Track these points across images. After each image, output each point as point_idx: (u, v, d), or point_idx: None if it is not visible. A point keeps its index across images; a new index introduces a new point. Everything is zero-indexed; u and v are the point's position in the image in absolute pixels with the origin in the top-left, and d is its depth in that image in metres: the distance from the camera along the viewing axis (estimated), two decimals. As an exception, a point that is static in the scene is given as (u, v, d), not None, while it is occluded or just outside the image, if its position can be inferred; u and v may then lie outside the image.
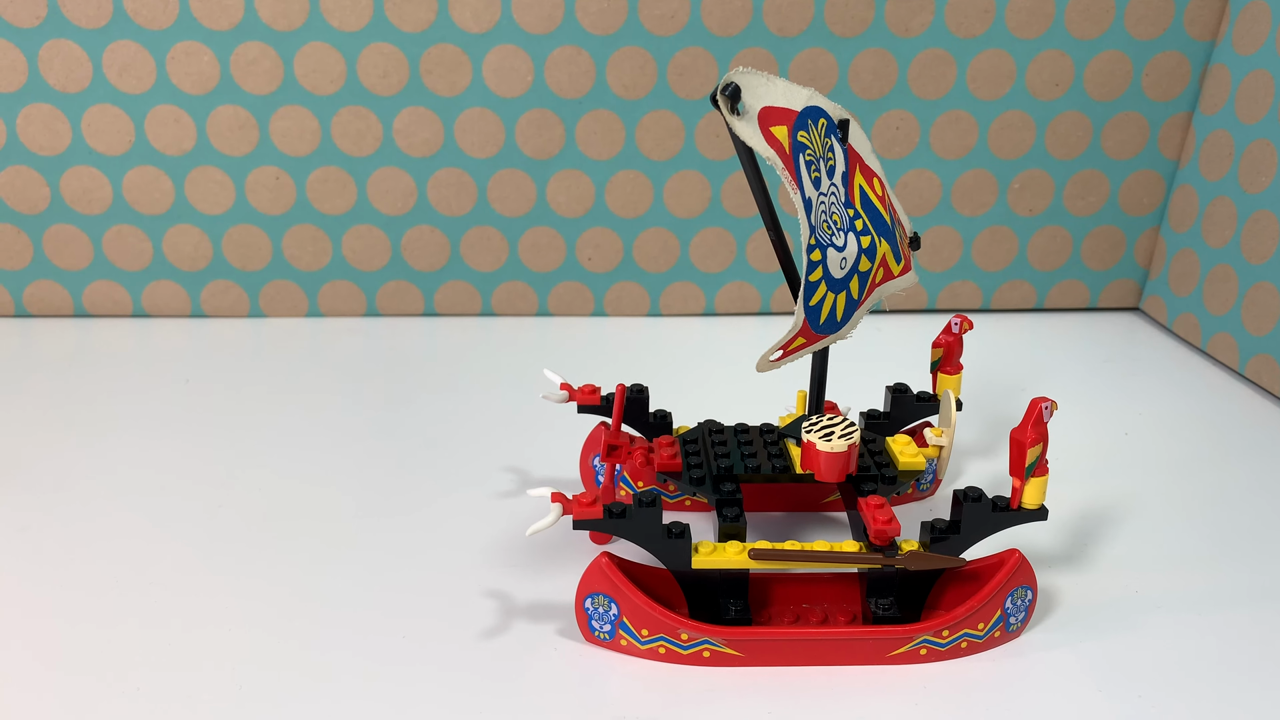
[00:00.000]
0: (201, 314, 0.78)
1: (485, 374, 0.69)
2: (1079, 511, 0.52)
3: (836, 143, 0.41)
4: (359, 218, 0.76)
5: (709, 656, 0.40)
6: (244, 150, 0.74)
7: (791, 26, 0.71)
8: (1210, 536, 0.50)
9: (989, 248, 0.80)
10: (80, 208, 0.75)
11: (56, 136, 0.72)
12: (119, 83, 0.71)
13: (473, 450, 0.58)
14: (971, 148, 0.76)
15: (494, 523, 0.50)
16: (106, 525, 0.50)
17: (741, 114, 0.35)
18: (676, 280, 0.79)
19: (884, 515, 0.40)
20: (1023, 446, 0.39)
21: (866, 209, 0.42)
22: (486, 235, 0.77)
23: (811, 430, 0.42)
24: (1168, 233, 0.78)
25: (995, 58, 0.73)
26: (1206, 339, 0.72)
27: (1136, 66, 0.74)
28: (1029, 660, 0.41)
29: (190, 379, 0.67)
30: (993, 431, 0.60)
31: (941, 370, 0.50)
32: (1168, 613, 0.44)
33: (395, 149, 0.74)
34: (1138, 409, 0.65)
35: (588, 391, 0.49)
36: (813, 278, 0.38)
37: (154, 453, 0.57)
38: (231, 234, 0.76)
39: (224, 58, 0.71)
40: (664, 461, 0.45)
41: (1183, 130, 0.76)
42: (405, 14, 0.70)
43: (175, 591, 0.45)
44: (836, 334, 0.42)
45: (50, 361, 0.70)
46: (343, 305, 0.79)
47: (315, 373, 0.69)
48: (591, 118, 0.74)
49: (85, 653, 0.41)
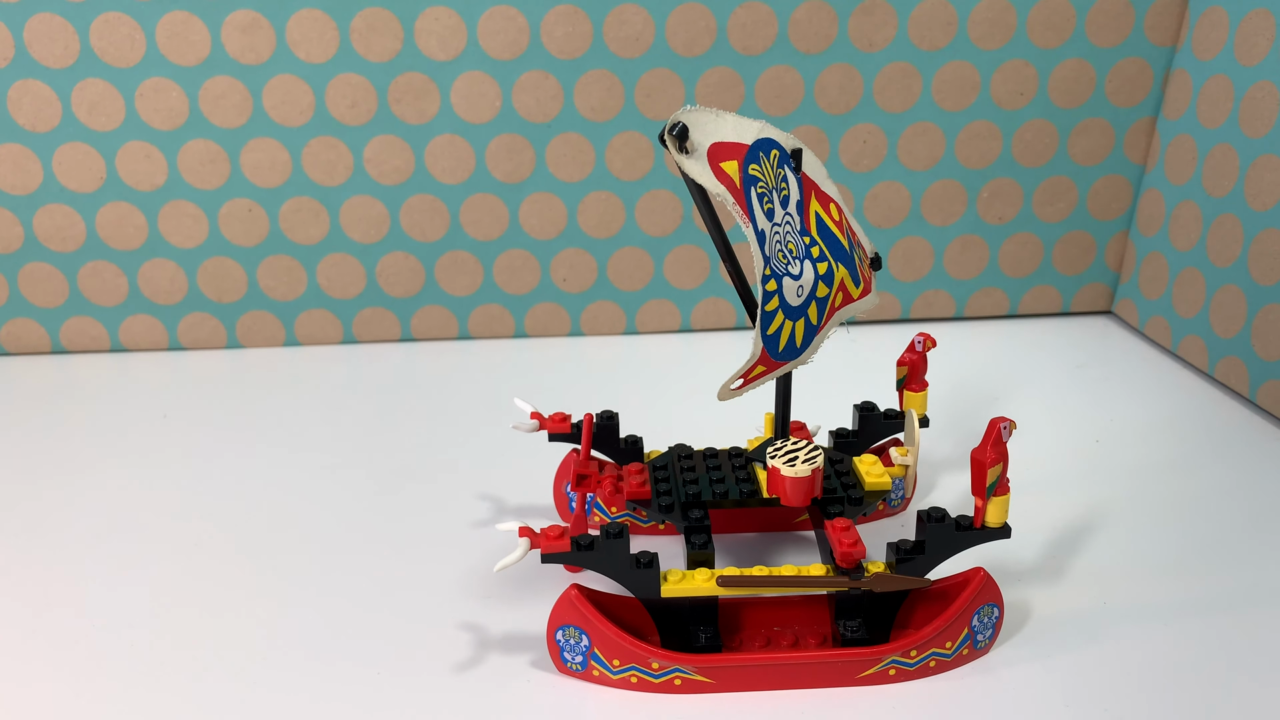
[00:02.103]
0: (179, 346, 0.79)
1: (464, 398, 0.69)
2: (1050, 523, 0.53)
3: (790, 172, 0.41)
4: (333, 246, 0.76)
5: (680, 684, 0.41)
6: (216, 183, 0.74)
7: (756, 45, 0.72)
8: (1179, 544, 0.51)
9: (960, 256, 0.80)
10: (54, 245, 0.75)
11: (28, 175, 0.73)
12: (89, 120, 0.71)
13: (450, 477, 0.58)
14: (939, 158, 0.77)
15: (469, 552, 0.51)
16: (84, 562, 0.50)
17: (690, 152, 0.36)
18: (651, 298, 0.80)
19: (849, 538, 0.41)
20: (983, 466, 0.40)
21: (823, 235, 0.42)
22: (461, 259, 0.77)
23: (776, 455, 0.43)
24: (1136, 236, 0.79)
25: (959, 69, 0.74)
26: (1177, 341, 0.73)
27: (1100, 73, 0.75)
28: (997, 677, 0.42)
29: (168, 413, 0.67)
30: (968, 442, 0.61)
31: (907, 388, 0.51)
32: (1136, 623, 0.45)
33: (367, 177, 0.74)
34: (1109, 415, 0.65)
35: (558, 420, 0.49)
36: (769, 307, 0.39)
37: (132, 488, 0.57)
38: (206, 266, 0.76)
39: (193, 93, 0.71)
40: (633, 490, 0.46)
41: (1148, 135, 0.77)
42: (371, 44, 0.71)
43: (154, 630, 0.45)
44: (797, 360, 0.42)
45: (29, 399, 0.70)
46: (320, 334, 0.79)
47: (294, 402, 0.69)
48: (561, 140, 0.74)
49: (63, 691, 0.41)
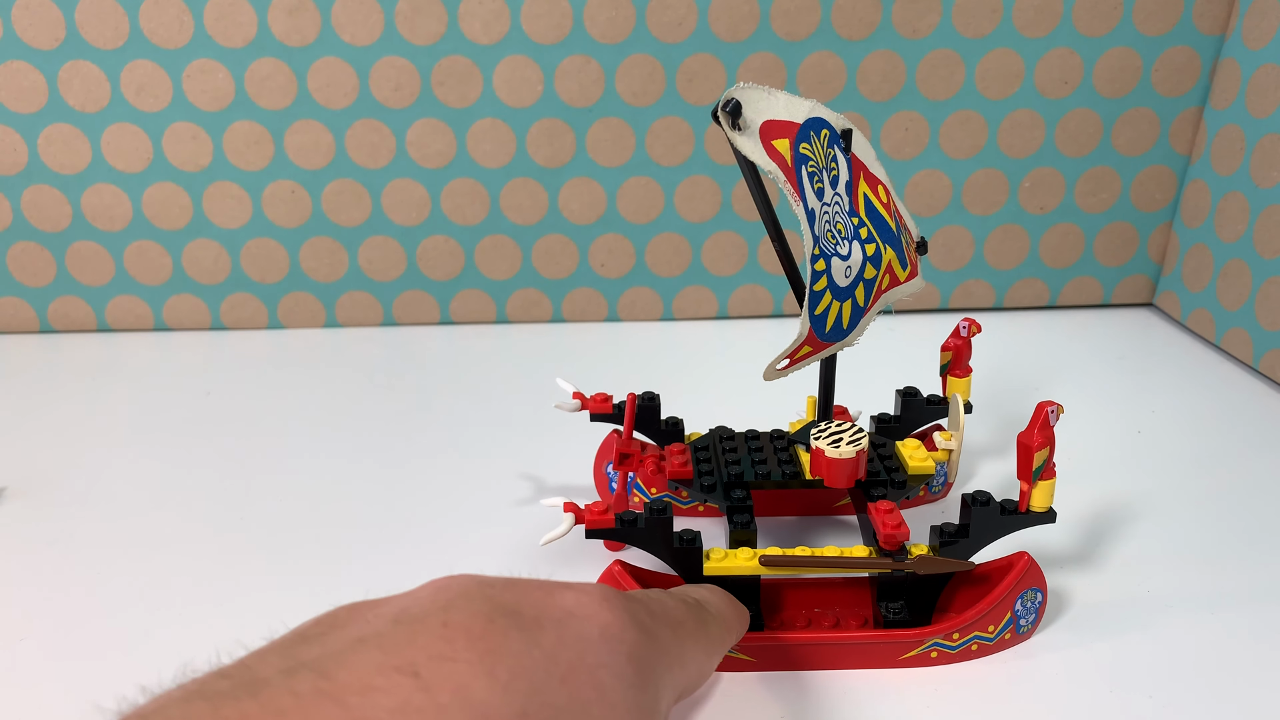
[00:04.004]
0: (221, 326, 0.80)
1: (501, 381, 0.70)
2: (1091, 511, 0.52)
3: (840, 152, 0.41)
4: (374, 229, 0.77)
5: (722, 662, 0.41)
6: (260, 165, 0.75)
7: (799, 30, 0.72)
8: (1222, 534, 0.50)
9: (1001, 246, 0.80)
10: (101, 224, 0.76)
11: (77, 155, 0.74)
12: (137, 101, 0.72)
13: (489, 457, 0.59)
14: (981, 147, 0.76)
15: (511, 530, 0.51)
16: (131, 536, 0.51)
17: (743, 129, 0.36)
18: (689, 284, 0.80)
19: (893, 520, 0.41)
20: (1029, 450, 0.40)
21: (871, 217, 0.42)
22: (500, 244, 0.78)
23: (820, 436, 0.43)
24: (1180, 228, 0.78)
25: (1004, 57, 0.73)
26: (1221, 334, 0.72)
27: (1146, 62, 0.74)
28: (1039, 661, 0.42)
29: (211, 390, 0.68)
30: (1007, 431, 0.61)
31: (951, 373, 0.51)
32: (1179, 612, 0.44)
33: (409, 160, 0.75)
34: (1151, 406, 0.65)
35: (600, 400, 0.50)
36: (817, 287, 0.39)
37: (177, 464, 0.58)
38: (249, 247, 0.77)
39: (239, 74, 0.72)
40: (675, 469, 0.46)
41: (1194, 125, 0.76)
42: (416, 27, 0.71)
43: (200, 600, 0.46)
44: (843, 341, 0.42)
45: (75, 376, 0.72)
46: (360, 315, 0.80)
47: (334, 383, 0.70)
48: (602, 125, 0.74)
49: (113, 662, 0.41)
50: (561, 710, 0.23)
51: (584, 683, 0.24)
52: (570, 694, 0.24)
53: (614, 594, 0.29)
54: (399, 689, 0.21)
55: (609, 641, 0.26)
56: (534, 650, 0.24)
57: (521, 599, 0.26)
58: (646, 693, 0.27)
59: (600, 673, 0.25)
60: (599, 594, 0.28)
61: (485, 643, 0.23)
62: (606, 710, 0.24)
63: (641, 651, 0.27)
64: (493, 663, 0.23)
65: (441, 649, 0.23)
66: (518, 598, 0.26)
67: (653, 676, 0.28)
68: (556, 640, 0.25)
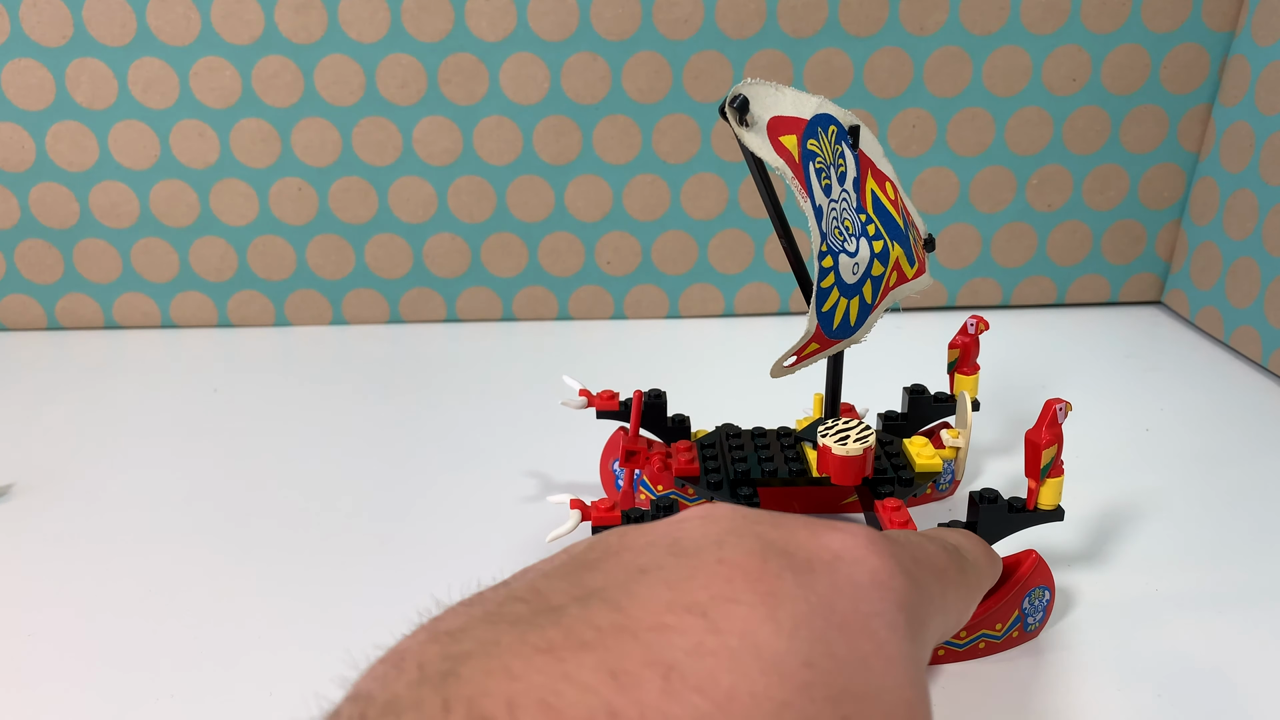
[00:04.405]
0: (228, 323, 0.80)
1: (507, 378, 0.70)
2: (1099, 509, 0.52)
3: (847, 149, 0.41)
4: (381, 226, 0.77)
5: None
6: (267, 162, 0.75)
7: (806, 28, 0.72)
8: (1230, 532, 0.50)
9: (1008, 244, 0.79)
10: (108, 222, 0.76)
11: (84, 152, 0.74)
12: (144, 99, 0.73)
13: (495, 455, 0.59)
14: (989, 145, 0.76)
15: (517, 527, 0.51)
16: (138, 532, 0.51)
17: (750, 125, 0.36)
18: (695, 282, 0.80)
19: (900, 517, 0.41)
20: (1037, 448, 0.39)
21: (879, 213, 0.42)
22: (506, 241, 0.78)
23: (827, 434, 0.43)
24: (1189, 226, 0.78)
25: (1011, 54, 0.73)
26: (1229, 332, 0.72)
27: (1154, 59, 0.74)
28: (1047, 660, 0.41)
29: (218, 387, 0.69)
30: (1013, 429, 0.60)
31: (958, 371, 0.51)
32: (1188, 610, 0.44)
33: (415, 158, 0.75)
34: (1160, 404, 0.64)
35: (606, 397, 0.50)
36: (824, 284, 0.39)
37: (184, 460, 0.58)
38: (256, 244, 0.77)
39: (245, 72, 0.72)
40: (682, 466, 0.46)
41: (1202, 123, 0.76)
42: (423, 25, 0.71)
43: (206, 596, 0.46)
44: (850, 338, 0.42)
45: (82, 373, 0.72)
46: (366, 313, 0.80)
47: (340, 380, 0.70)
48: (608, 122, 0.74)
49: (121, 657, 0.42)
50: (843, 662, 0.22)
51: (860, 633, 0.23)
52: (849, 645, 0.23)
53: (878, 536, 0.27)
54: (691, 629, 0.21)
55: (879, 588, 0.25)
56: (810, 595, 0.23)
57: (789, 538, 0.25)
58: (917, 644, 0.25)
59: (874, 622, 0.24)
60: (864, 536, 0.27)
61: (763, 584, 0.23)
62: (884, 664, 0.23)
63: (910, 600, 0.26)
64: (774, 606, 0.22)
65: (723, 589, 0.22)
66: (785, 537, 0.25)
67: (922, 627, 0.26)
68: (830, 585, 0.24)
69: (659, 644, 0.21)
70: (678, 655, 0.20)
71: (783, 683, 0.21)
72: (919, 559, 0.29)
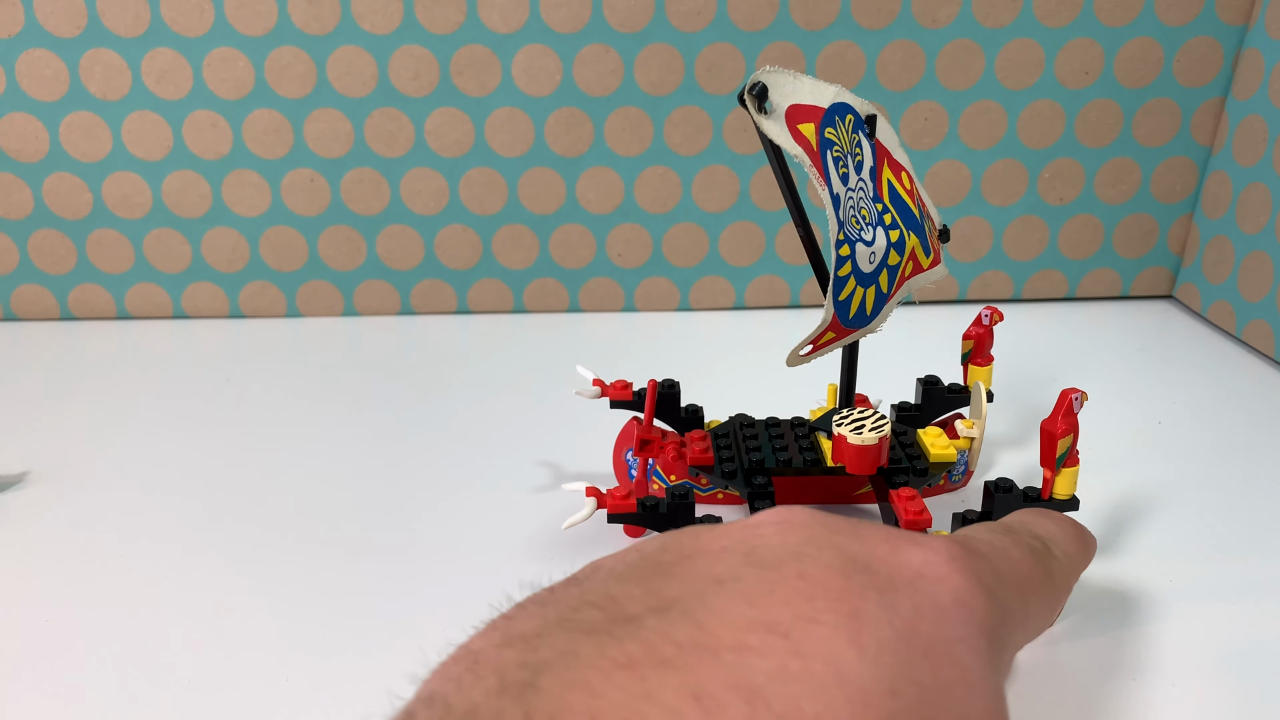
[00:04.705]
0: (240, 314, 0.80)
1: (518, 370, 0.70)
2: (1113, 501, 0.52)
3: (864, 138, 0.41)
4: (392, 218, 0.77)
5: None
6: (279, 153, 0.75)
7: (818, 20, 0.72)
8: (1243, 524, 0.50)
9: (1020, 237, 0.79)
10: (121, 212, 0.76)
11: (98, 143, 0.74)
12: (157, 89, 0.73)
13: (508, 446, 0.59)
14: (1001, 137, 0.76)
15: (530, 516, 0.51)
16: (150, 522, 0.51)
17: (769, 113, 0.36)
18: (706, 274, 0.80)
19: (915, 507, 0.41)
20: (1053, 437, 0.39)
21: (895, 203, 0.42)
22: (518, 233, 0.78)
23: (842, 423, 0.43)
24: (1201, 220, 0.78)
25: (1023, 47, 0.73)
26: (1241, 326, 0.72)
27: (1167, 53, 0.73)
28: (1061, 650, 0.41)
29: (230, 378, 0.69)
30: (1025, 422, 0.60)
31: (972, 362, 0.51)
32: (1202, 601, 0.44)
33: (427, 149, 0.75)
34: (1172, 397, 0.64)
35: (620, 387, 0.50)
36: (841, 273, 0.39)
37: (196, 451, 0.58)
38: (268, 235, 0.77)
39: (258, 63, 0.72)
40: (696, 455, 0.46)
41: (1215, 116, 0.76)
42: (435, 16, 0.71)
43: (219, 586, 0.46)
44: (866, 328, 0.42)
45: (94, 363, 0.72)
46: (378, 304, 0.80)
47: (351, 371, 0.70)
48: (620, 115, 0.74)
49: (137, 643, 0.42)
50: (927, 690, 0.21)
51: (944, 659, 0.22)
52: (934, 672, 0.22)
53: (960, 551, 0.26)
54: (773, 651, 0.20)
55: (962, 610, 0.24)
56: (893, 618, 0.22)
57: (870, 553, 0.25)
58: (998, 670, 0.25)
59: (958, 648, 0.23)
60: (946, 551, 0.26)
61: (846, 604, 0.22)
62: (966, 693, 0.22)
63: (991, 622, 0.25)
64: (857, 629, 0.22)
65: (805, 608, 0.22)
66: (867, 551, 0.25)
67: (1002, 651, 0.26)
68: (912, 608, 0.23)
69: (741, 666, 0.20)
70: (761, 679, 0.20)
71: (867, 713, 0.20)
72: (1001, 572, 0.28)
